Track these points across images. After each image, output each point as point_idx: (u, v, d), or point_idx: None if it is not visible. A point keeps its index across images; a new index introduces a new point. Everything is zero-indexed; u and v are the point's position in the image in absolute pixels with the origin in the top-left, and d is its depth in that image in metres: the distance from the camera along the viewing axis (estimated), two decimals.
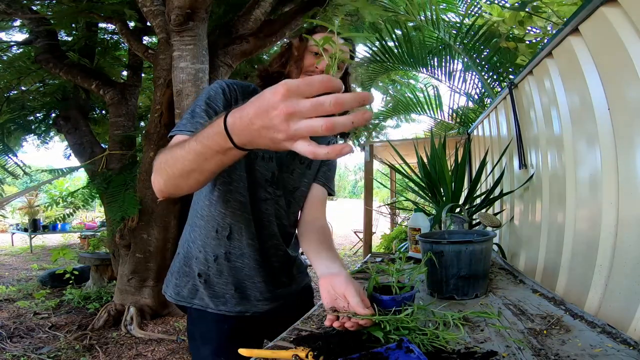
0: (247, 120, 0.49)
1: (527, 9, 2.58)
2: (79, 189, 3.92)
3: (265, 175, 1.01)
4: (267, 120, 0.47)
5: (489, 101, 3.54)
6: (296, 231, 1.14)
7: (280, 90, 0.45)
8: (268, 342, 0.83)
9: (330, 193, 1.17)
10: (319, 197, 1.13)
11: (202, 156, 0.60)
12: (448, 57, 3.88)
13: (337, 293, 0.79)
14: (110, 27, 4.28)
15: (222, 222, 1.00)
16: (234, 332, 1.00)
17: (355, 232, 7.46)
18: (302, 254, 1.17)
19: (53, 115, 4.73)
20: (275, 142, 0.48)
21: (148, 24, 3.24)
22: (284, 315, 1.02)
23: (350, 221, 10.36)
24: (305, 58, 0.98)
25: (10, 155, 5.04)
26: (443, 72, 4.01)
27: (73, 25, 3.86)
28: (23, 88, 4.57)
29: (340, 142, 1.16)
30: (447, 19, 4.15)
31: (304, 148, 0.46)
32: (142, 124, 5.06)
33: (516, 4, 2.89)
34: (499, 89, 3.35)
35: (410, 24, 3.63)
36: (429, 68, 4.02)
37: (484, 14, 3.47)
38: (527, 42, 3.10)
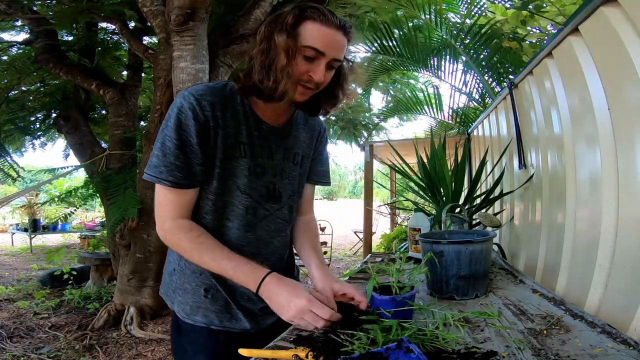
0: (275, 293, 0.81)
1: (530, 7, 2.57)
2: (77, 188, 3.91)
3: (260, 191, 0.93)
4: (286, 304, 0.80)
5: (489, 100, 3.54)
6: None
7: (304, 302, 0.78)
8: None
9: (327, 184, 1.15)
10: (310, 195, 1.11)
11: (227, 275, 0.85)
12: (448, 56, 3.88)
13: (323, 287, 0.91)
14: (110, 27, 4.28)
15: (226, 244, 0.91)
16: (228, 344, 0.92)
17: (355, 232, 7.45)
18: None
19: (53, 115, 4.72)
20: (282, 313, 0.81)
21: (148, 24, 3.24)
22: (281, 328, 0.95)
23: (350, 221, 10.34)
24: (297, 63, 0.80)
25: (5, 157, 5.02)
26: (444, 71, 4.00)
27: (73, 25, 3.85)
28: (23, 88, 4.56)
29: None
30: (447, 19, 4.16)
31: (303, 323, 0.80)
32: (142, 123, 5.06)
33: (517, 1, 2.89)
34: (499, 89, 3.35)
35: (412, 23, 3.63)
36: (430, 68, 4.02)
37: (487, 12, 3.47)
38: (528, 42, 3.10)
